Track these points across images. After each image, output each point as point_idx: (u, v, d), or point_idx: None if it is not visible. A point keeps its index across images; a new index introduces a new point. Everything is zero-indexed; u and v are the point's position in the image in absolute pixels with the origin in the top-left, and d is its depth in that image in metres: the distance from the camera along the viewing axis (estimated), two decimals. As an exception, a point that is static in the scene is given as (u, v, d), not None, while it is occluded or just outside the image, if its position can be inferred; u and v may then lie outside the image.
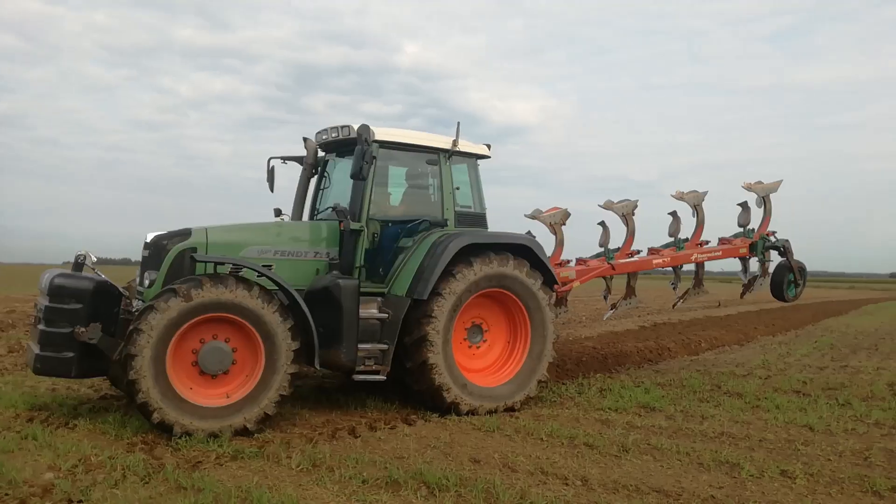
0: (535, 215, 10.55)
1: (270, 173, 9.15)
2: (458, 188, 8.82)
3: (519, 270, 8.39)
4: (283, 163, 9.26)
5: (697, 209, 11.79)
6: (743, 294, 12.93)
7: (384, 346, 7.85)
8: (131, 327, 6.66)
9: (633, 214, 11.21)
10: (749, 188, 12.19)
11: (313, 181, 9.35)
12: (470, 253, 8.15)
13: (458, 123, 8.68)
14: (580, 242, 11.74)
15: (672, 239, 11.79)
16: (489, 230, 8.92)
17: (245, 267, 7.22)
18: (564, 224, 10.65)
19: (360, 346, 7.68)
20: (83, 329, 6.85)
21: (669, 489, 5.56)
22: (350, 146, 8.20)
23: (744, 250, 12.10)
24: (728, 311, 26.08)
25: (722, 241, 12.28)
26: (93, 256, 7.61)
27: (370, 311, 7.86)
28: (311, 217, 9.21)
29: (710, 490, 5.58)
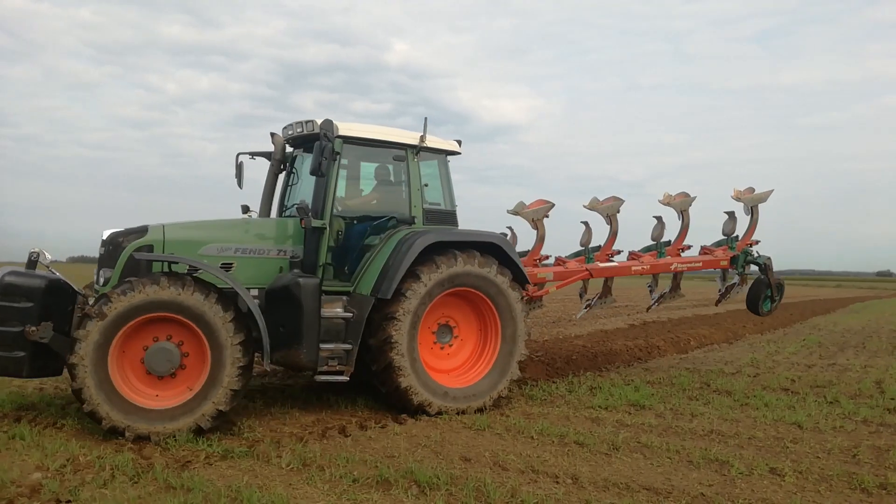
0: (517, 210, 10.37)
1: (239, 169, 8.93)
2: (426, 185, 8.62)
3: (486, 269, 8.22)
4: (252, 158, 9.02)
5: (684, 214, 11.70)
6: (718, 301, 12.84)
7: (348, 346, 7.66)
8: (72, 335, 6.59)
9: (618, 213, 11.08)
10: (738, 198, 12.00)
11: (281, 177, 9.14)
12: (436, 251, 7.99)
13: (426, 119, 8.57)
14: (563, 241, 11.50)
15: (654, 243, 11.68)
16: (459, 228, 8.74)
17: (181, 262, 7.17)
18: (547, 217, 10.44)
19: (324, 346, 7.50)
20: (34, 328, 6.68)
21: (659, 487, 5.58)
22: (357, 144, 8.29)
23: (724, 263, 11.91)
24: (717, 310, 26.22)
25: (704, 249, 12.09)
26: (47, 254, 7.36)
27: (335, 310, 7.67)
28: (280, 214, 9.03)
29: (699, 488, 5.60)
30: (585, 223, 11.19)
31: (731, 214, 12.09)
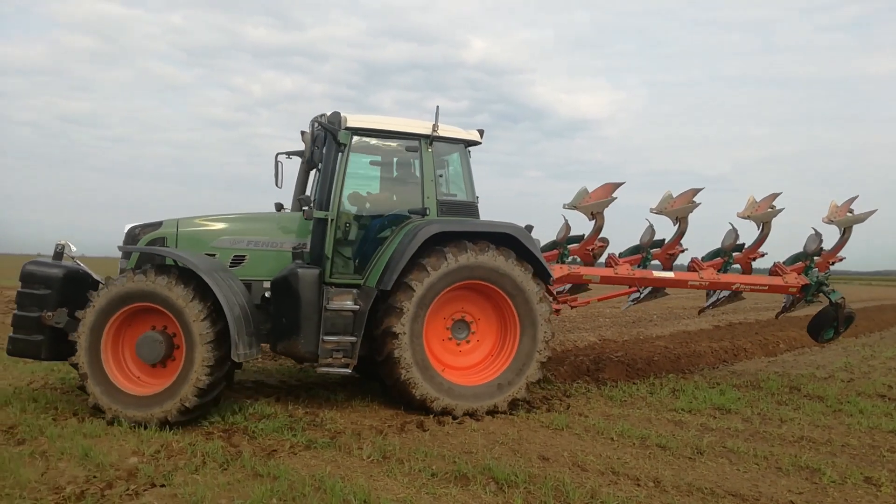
0: (575, 204, 9.71)
1: (277, 168, 8.69)
2: (440, 175, 8.38)
3: (500, 261, 7.86)
4: (289, 158, 8.87)
5: (765, 225, 10.81)
6: (779, 315, 11.99)
7: (353, 339, 7.58)
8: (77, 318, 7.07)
9: (689, 212, 10.26)
10: (832, 220, 10.83)
11: (313, 173, 9.05)
12: (447, 243, 7.79)
13: (437, 107, 8.24)
14: (632, 238, 10.72)
15: (720, 249, 10.73)
16: (476, 220, 8.31)
17: (159, 253, 7.52)
18: (607, 207, 9.83)
19: (328, 337, 7.50)
20: (51, 313, 7.14)
21: (746, 493, 5.40)
22: (369, 135, 8.21)
23: (794, 290, 10.80)
24: (807, 311, 25.09)
25: (776, 267, 10.94)
26: (72, 246, 7.79)
27: (343, 302, 7.63)
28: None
29: (788, 495, 5.39)
30: (651, 227, 10.54)
31: (817, 233, 10.94)
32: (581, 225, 10.32)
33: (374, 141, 8.36)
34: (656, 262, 10.56)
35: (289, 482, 5.28)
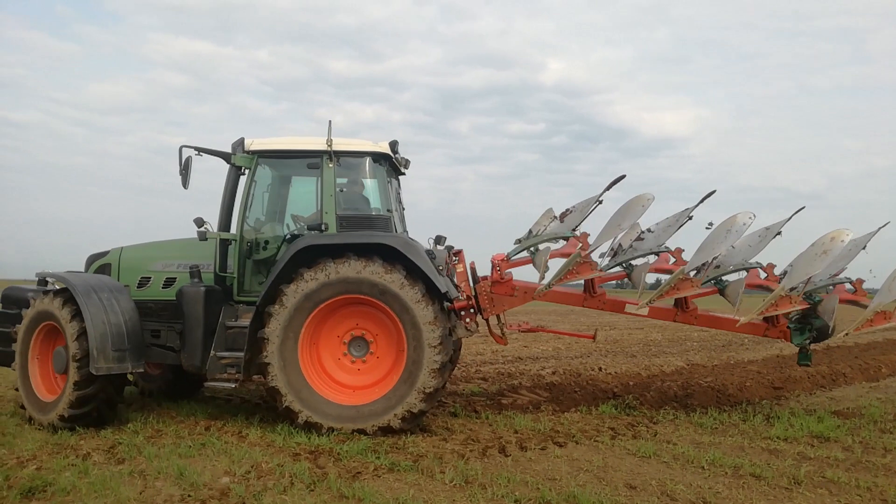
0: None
1: (183, 165, 8.20)
2: (341, 190, 8.29)
3: (366, 271, 7.60)
4: (198, 154, 8.42)
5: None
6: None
7: (241, 355, 7.80)
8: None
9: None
10: None
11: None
12: (331, 257, 7.72)
13: (330, 122, 8.18)
14: None
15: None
16: (354, 233, 8.02)
17: (51, 278, 8.48)
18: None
19: (223, 353, 7.89)
20: (15, 329, 8.36)
21: (850, 528, 5.10)
22: (272, 156, 8.51)
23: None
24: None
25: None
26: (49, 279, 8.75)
27: (241, 320, 7.96)
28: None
29: (898, 532, 5.05)
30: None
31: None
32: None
33: (278, 161, 8.64)
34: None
35: (373, 505, 5.33)
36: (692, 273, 8.82)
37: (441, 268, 8.12)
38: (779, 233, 8.98)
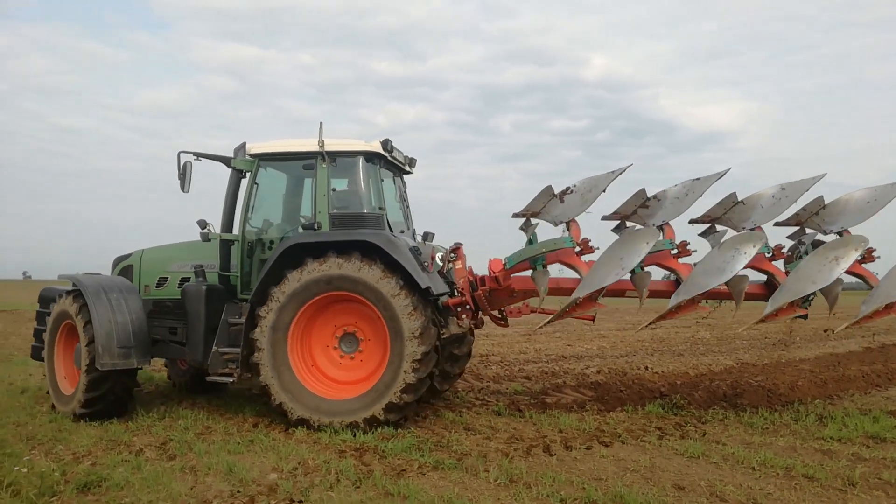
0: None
1: (182, 170, 8.59)
2: (334, 190, 8.43)
3: (347, 267, 7.74)
4: (197, 160, 8.75)
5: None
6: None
7: (238, 350, 8.14)
8: None
9: None
10: None
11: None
12: (315, 255, 7.89)
13: (321, 123, 8.34)
14: None
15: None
16: (344, 230, 8.15)
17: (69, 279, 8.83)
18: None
19: (224, 349, 8.25)
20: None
21: (909, 532, 4.93)
22: (271, 159, 8.80)
23: None
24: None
25: None
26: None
27: (243, 318, 8.21)
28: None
29: (961, 537, 4.87)
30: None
31: None
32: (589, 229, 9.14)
33: (277, 163, 8.89)
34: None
35: (419, 502, 5.36)
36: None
37: (426, 263, 8.16)
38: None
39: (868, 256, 8.60)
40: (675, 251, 8.65)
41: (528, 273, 8.67)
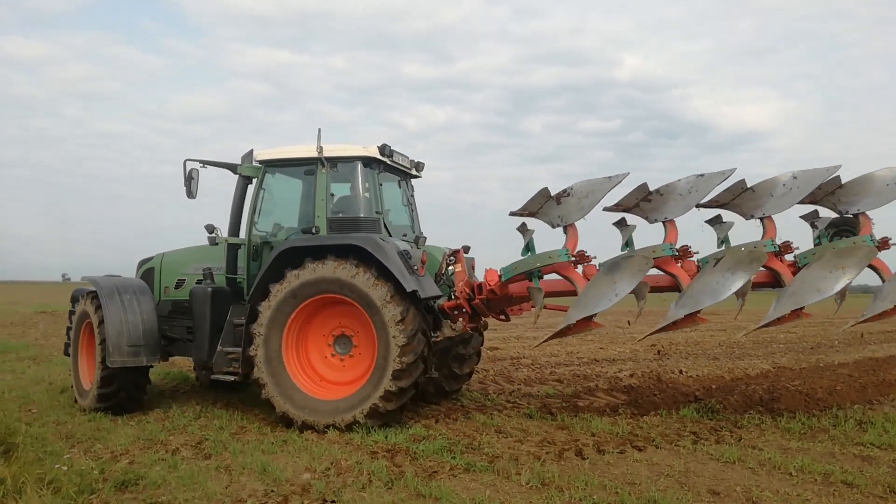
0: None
1: (189, 177, 8.96)
2: (332, 194, 8.67)
3: (340, 272, 7.87)
4: (203, 167, 9.08)
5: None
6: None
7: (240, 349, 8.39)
8: None
9: None
10: None
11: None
12: (309, 257, 8.07)
13: (319, 130, 8.55)
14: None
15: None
16: (343, 235, 8.32)
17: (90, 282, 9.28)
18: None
19: (229, 349, 8.49)
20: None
21: (954, 542, 4.80)
22: (277, 165, 9.08)
23: None
24: None
25: None
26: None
27: (243, 318, 8.45)
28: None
29: None
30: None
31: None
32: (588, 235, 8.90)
33: (281, 169, 9.16)
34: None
35: (450, 504, 5.36)
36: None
37: (416, 267, 8.18)
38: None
39: (883, 244, 8.17)
40: (677, 254, 8.34)
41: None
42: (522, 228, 8.49)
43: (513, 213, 8.51)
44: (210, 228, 8.77)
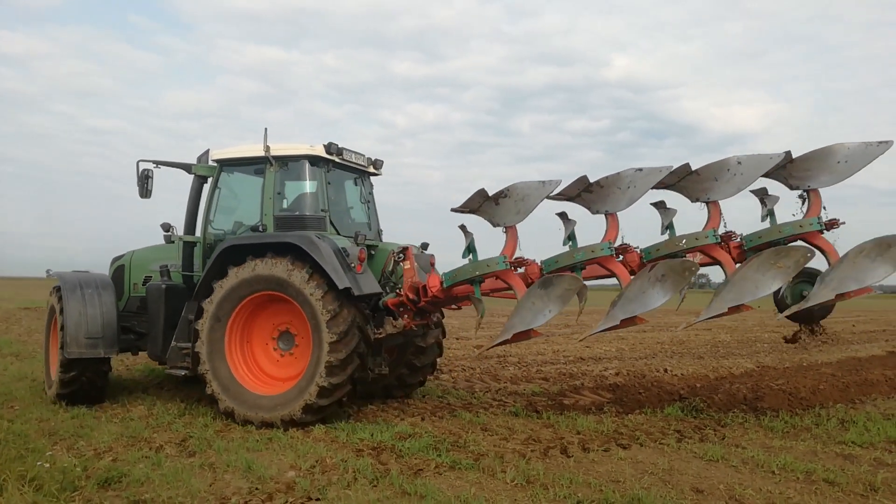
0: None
1: (141, 177, 9.13)
2: (279, 193, 8.79)
3: (278, 269, 8.01)
4: (157, 167, 9.25)
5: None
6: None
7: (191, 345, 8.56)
8: None
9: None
10: None
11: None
12: (251, 255, 8.22)
13: (266, 129, 8.72)
14: None
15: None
16: (283, 233, 8.45)
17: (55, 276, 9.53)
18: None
19: (182, 344, 8.65)
20: None
21: (932, 539, 4.86)
22: (232, 164, 9.25)
23: None
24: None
25: None
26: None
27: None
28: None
29: None
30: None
31: None
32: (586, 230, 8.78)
33: (233, 168, 9.30)
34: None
35: (436, 501, 5.37)
36: None
37: (353, 265, 8.24)
38: None
39: (831, 224, 8.01)
40: (617, 254, 8.29)
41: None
42: (463, 229, 8.43)
43: (454, 210, 8.46)
44: (166, 227, 9.01)
